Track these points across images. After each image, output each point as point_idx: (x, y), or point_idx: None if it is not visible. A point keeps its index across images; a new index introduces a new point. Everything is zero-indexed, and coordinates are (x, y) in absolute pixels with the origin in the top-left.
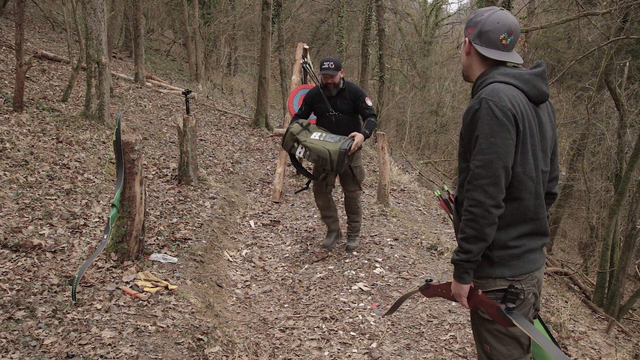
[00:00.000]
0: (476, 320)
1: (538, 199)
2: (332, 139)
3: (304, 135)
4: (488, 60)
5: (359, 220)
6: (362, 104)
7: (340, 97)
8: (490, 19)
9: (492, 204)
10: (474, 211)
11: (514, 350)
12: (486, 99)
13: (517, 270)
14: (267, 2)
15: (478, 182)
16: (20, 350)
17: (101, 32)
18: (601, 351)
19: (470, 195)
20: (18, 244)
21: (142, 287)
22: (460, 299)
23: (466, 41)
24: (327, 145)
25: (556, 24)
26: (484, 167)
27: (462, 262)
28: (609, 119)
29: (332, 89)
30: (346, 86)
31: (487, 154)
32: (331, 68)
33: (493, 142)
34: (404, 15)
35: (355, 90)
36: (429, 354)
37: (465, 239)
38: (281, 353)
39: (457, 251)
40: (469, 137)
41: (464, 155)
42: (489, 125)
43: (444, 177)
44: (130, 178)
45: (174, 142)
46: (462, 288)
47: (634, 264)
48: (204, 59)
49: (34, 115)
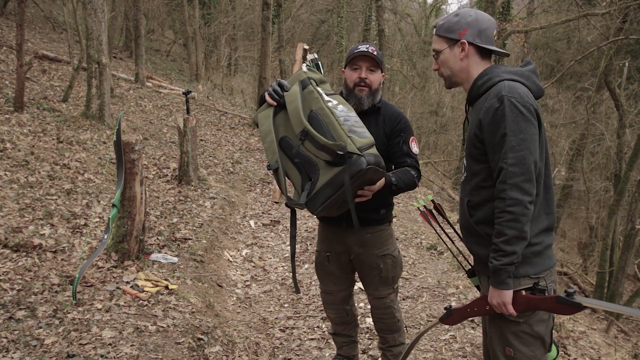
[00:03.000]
0: (500, 323)
1: (549, 193)
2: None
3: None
4: (486, 58)
5: (401, 342)
6: (404, 145)
7: (369, 119)
8: (480, 18)
9: (529, 200)
10: (514, 210)
11: (537, 350)
12: (507, 96)
13: (539, 267)
14: (267, 2)
15: (513, 181)
16: (21, 350)
17: (102, 32)
18: (600, 351)
19: (506, 195)
20: (19, 244)
21: (143, 287)
22: (506, 308)
23: (464, 44)
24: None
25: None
26: (517, 164)
27: (506, 265)
28: (609, 119)
29: (364, 95)
30: (382, 106)
31: (518, 151)
32: (371, 54)
33: (523, 139)
34: (404, 15)
35: (396, 118)
36: (429, 354)
37: (507, 241)
38: (281, 353)
39: (499, 256)
40: (491, 137)
41: (477, 157)
42: (516, 122)
43: (444, 177)
44: (131, 178)
45: (174, 142)
46: (506, 295)
47: (633, 263)
48: (204, 59)
49: (35, 115)
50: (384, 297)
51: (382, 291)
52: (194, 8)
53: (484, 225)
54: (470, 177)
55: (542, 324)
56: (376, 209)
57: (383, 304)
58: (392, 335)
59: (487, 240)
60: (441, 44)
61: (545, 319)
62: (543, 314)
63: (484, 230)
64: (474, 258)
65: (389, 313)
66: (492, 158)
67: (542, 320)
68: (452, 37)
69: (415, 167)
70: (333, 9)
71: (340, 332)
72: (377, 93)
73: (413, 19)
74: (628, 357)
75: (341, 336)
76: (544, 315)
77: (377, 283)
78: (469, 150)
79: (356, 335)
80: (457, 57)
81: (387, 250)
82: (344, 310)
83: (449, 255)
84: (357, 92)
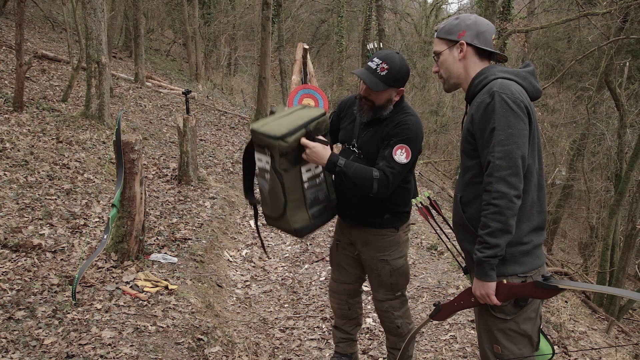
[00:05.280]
0: (487, 321)
1: (541, 192)
2: (300, 114)
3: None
4: (484, 59)
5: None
6: (387, 148)
7: (374, 128)
8: (479, 22)
9: (515, 194)
10: (499, 203)
11: (524, 348)
12: (498, 92)
13: (527, 266)
14: (267, 2)
15: (499, 174)
16: (20, 350)
17: (101, 32)
18: (601, 351)
19: (492, 188)
20: (18, 244)
21: (142, 287)
22: (490, 298)
23: (463, 44)
24: (281, 123)
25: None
26: (503, 158)
27: (489, 258)
28: (609, 119)
29: (365, 108)
30: (391, 116)
31: (505, 145)
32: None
33: (511, 133)
34: (404, 15)
35: (397, 125)
36: (429, 354)
37: (491, 233)
38: (281, 353)
39: (483, 248)
40: (481, 131)
41: (470, 152)
42: (505, 116)
43: (444, 177)
44: (130, 178)
45: (174, 142)
46: (489, 287)
47: (634, 264)
48: (204, 59)
49: (34, 115)
50: (382, 300)
51: (380, 295)
52: (193, 8)
53: (476, 222)
54: (463, 173)
55: (529, 322)
56: (377, 213)
57: (381, 307)
58: (393, 338)
59: (478, 237)
60: (441, 45)
61: (532, 317)
62: (530, 313)
63: (475, 227)
64: (465, 255)
65: (387, 317)
66: (482, 153)
67: (529, 318)
68: (452, 39)
69: (383, 171)
70: (333, 8)
71: (341, 326)
72: (384, 108)
73: (413, 19)
74: (629, 357)
75: (340, 331)
76: (530, 313)
77: (377, 285)
78: (463, 146)
79: (356, 334)
80: (456, 58)
81: (387, 256)
82: (347, 303)
83: (449, 256)
84: (359, 104)
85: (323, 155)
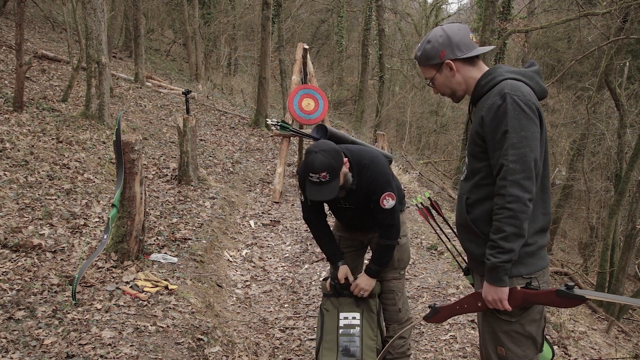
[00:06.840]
0: (492, 322)
1: (546, 193)
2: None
3: None
4: (476, 62)
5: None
6: (376, 204)
7: (351, 195)
8: (450, 33)
9: (529, 197)
10: (513, 207)
11: (528, 350)
12: (510, 94)
13: (532, 267)
14: (267, 2)
15: (514, 177)
16: (20, 350)
17: (101, 32)
18: (601, 351)
19: (506, 192)
20: (18, 244)
21: (142, 287)
22: (502, 304)
23: (449, 63)
24: None
25: (556, 24)
26: (517, 161)
27: (504, 263)
28: (609, 119)
29: (338, 196)
30: (358, 180)
31: (519, 148)
32: (324, 182)
33: (524, 136)
34: (404, 15)
35: (368, 185)
36: (429, 354)
37: (505, 237)
38: (281, 353)
39: (497, 253)
40: (493, 134)
41: (478, 155)
42: (518, 119)
43: (444, 177)
44: (130, 178)
45: (174, 142)
46: (502, 292)
47: (634, 264)
48: (204, 59)
49: (34, 115)
50: (388, 280)
51: (388, 274)
52: (193, 7)
53: (481, 223)
54: (470, 175)
55: (534, 324)
56: None
57: (387, 287)
58: (392, 325)
59: (482, 238)
60: (429, 71)
61: (537, 319)
62: (535, 314)
63: (480, 228)
64: (467, 256)
65: (391, 299)
66: (493, 155)
67: (534, 320)
68: (435, 63)
69: (385, 225)
70: (333, 8)
71: None
72: (347, 184)
73: (413, 19)
74: (629, 357)
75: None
76: (535, 315)
77: None
78: (471, 148)
79: None
80: (450, 77)
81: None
82: None
83: (449, 256)
84: None
85: (368, 280)
